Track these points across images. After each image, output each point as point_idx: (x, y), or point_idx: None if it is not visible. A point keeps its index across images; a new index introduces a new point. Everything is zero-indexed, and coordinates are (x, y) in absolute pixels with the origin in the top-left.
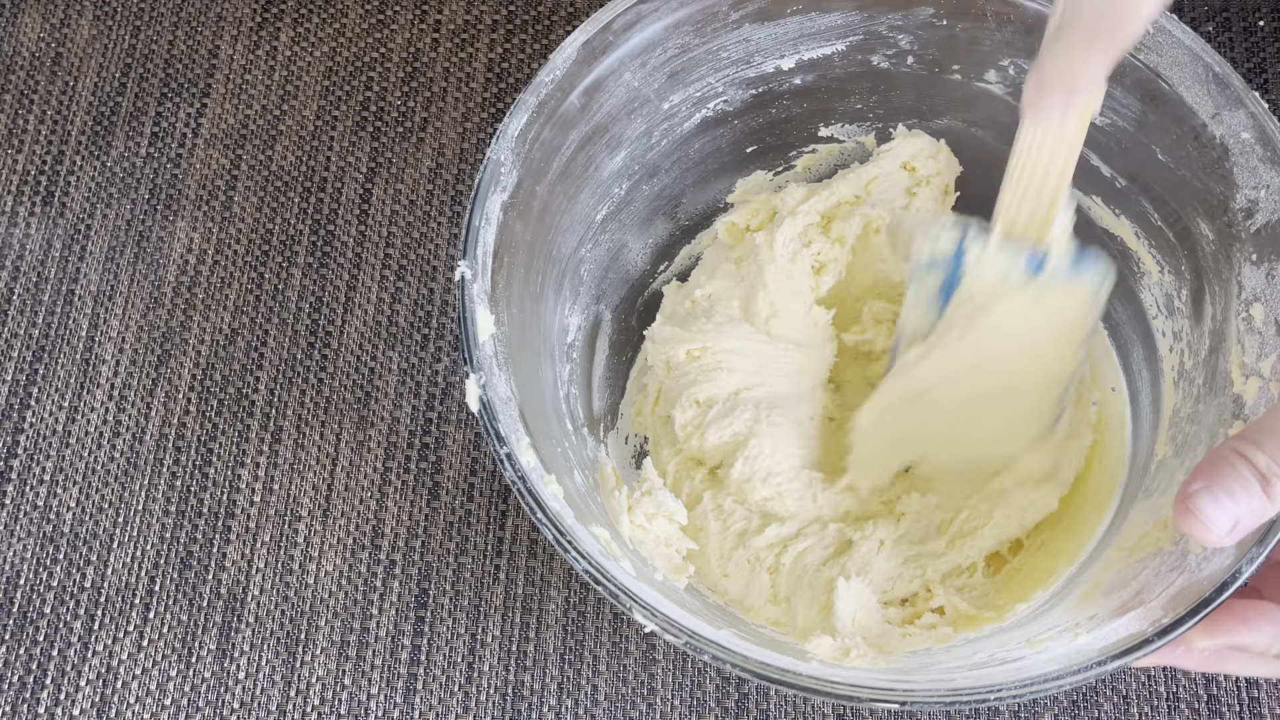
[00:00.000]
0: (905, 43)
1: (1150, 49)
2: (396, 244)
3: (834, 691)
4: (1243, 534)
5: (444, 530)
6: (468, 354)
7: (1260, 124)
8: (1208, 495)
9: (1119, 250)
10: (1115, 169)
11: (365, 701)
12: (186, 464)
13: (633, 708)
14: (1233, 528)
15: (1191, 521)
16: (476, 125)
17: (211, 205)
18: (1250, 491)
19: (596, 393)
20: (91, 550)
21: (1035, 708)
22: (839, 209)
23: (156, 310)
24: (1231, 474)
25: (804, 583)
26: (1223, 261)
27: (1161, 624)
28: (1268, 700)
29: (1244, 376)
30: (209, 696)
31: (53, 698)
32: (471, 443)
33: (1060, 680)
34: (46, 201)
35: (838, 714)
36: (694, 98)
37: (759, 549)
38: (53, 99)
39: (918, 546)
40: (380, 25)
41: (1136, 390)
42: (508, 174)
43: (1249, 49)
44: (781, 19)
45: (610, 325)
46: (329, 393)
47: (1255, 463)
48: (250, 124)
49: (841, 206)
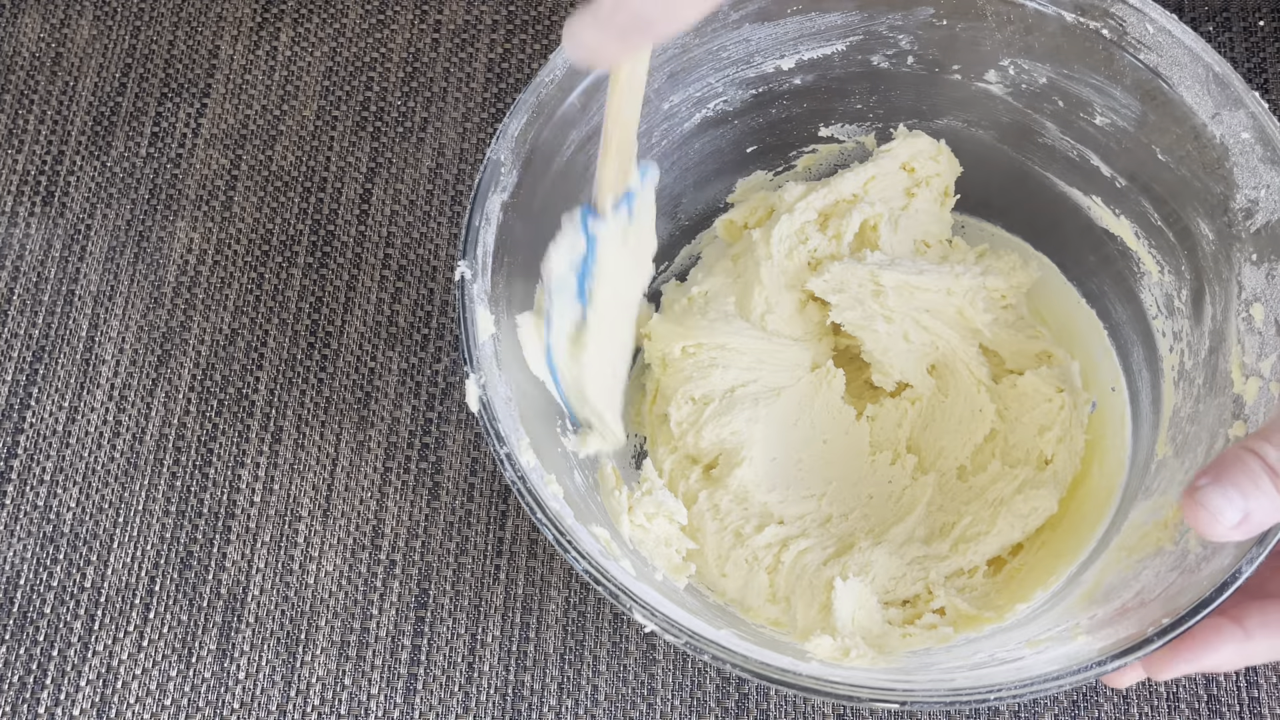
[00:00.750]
0: (905, 43)
1: (1150, 49)
2: (396, 244)
3: (834, 691)
4: (1254, 530)
5: (444, 530)
6: (468, 354)
7: (1260, 124)
8: (1215, 487)
9: (1119, 250)
10: (1115, 169)
11: (365, 701)
12: (186, 464)
13: (633, 708)
14: (1241, 521)
15: (1198, 513)
16: (476, 125)
17: (211, 205)
18: (1260, 486)
19: None
20: (91, 550)
21: (1035, 708)
22: (836, 207)
23: (156, 310)
24: (1240, 468)
25: (803, 582)
26: (1223, 261)
27: (1162, 624)
28: (1268, 700)
29: (1244, 376)
30: (209, 696)
31: (53, 698)
32: (471, 443)
33: (1060, 680)
34: (46, 201)
35: (838, 714)
36: (694, 98)
37: (757, 548)
38: (53, 99)
39: (923, 548)
40: (380, 25)
41: (1136, 390)
42: (507, 174)
43: (1249, 49)
44: (781, 19)
45: None
46: (329, 393)
47: (1265, 457)
48: (250, 124)
49: (839, 204)
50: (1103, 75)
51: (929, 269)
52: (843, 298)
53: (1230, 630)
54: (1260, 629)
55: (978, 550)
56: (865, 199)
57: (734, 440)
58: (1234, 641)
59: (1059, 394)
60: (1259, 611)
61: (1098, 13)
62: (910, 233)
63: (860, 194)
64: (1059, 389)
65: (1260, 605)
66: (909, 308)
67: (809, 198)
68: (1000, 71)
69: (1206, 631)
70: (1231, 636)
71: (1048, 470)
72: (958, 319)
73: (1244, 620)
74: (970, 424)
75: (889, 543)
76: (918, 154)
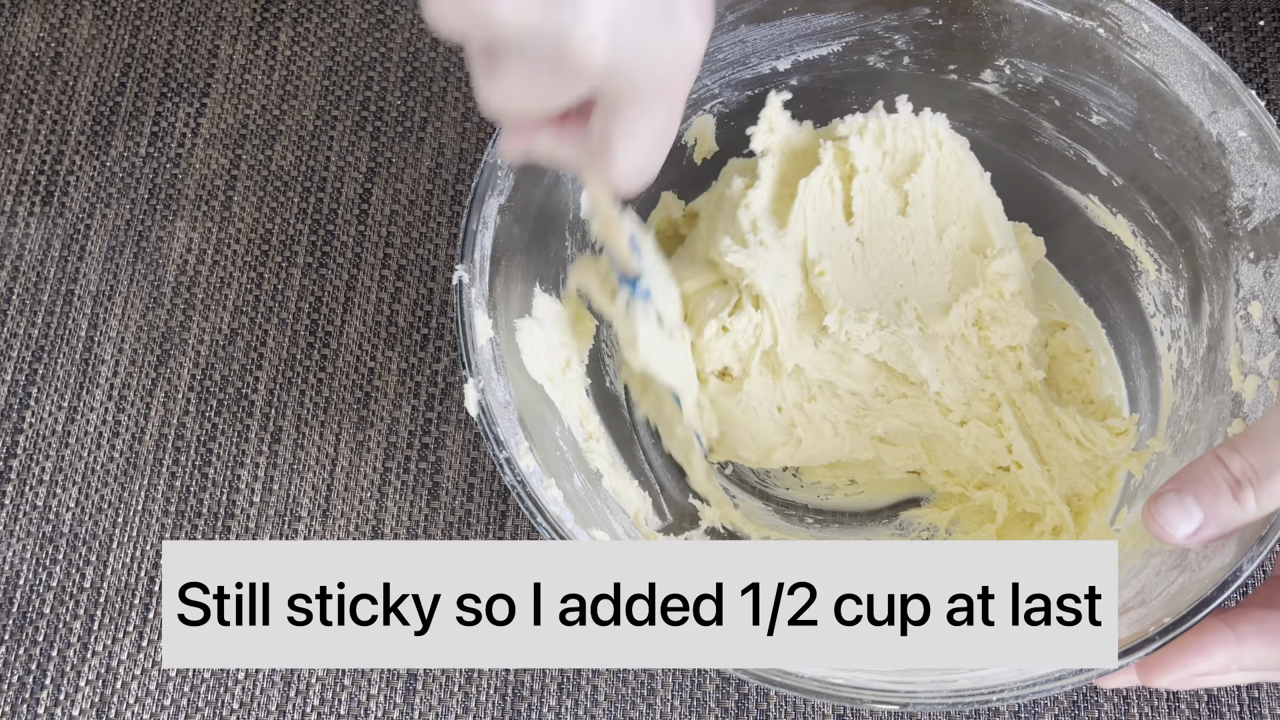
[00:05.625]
0: (901, 43)
1: (1147, 48)
2: (396, 244)
3: (835, 693)
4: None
5: (444, 530)
6: (466, 358)
7: (1257, 122)
8: (1173, 497)
9: (1117, 249)
10: (1112, 168)
11: (365, 701)
12: (186, 464)
13: (633, 708)
14: (1195, 531)
15: (1150, 521)
16: (476, 125)
17: (211, 205)
18: (1218, 495)
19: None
20: (91, 550)
21: (1035, 708)
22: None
23: (156, 310)
24: (1203, 478)
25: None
26: (1220, 260)
27: (1163, 623)
28: (1268, 700)
29: (1242, 374)
30: (209, 697)
31: (53, 698)
32: (471, 443)
33: (1060, 680)
34: (46, 201)
35: (838, 714)
36: (690, 100)
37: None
38: (53, 99)
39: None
40: (380, 25)
41: (1135, 389)
42: (504, 177)
43: (1249, 49)
44: (777, 20)
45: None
46: (328, 393)
47: (1230, 467)
48: (250, 124)
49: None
50: (1099, 74)
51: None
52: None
53: (1222, 633)
54: (1254, 635)
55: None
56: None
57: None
58: (1225, 645)
59: (1086, 353)
60: (1255, 619)
61: (1094, 12)
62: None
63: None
64: (1085, 348)
65: (1259, 613)
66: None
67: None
68: (997, 71)
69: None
70: (1223, 640)
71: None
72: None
73: (1237, 625)
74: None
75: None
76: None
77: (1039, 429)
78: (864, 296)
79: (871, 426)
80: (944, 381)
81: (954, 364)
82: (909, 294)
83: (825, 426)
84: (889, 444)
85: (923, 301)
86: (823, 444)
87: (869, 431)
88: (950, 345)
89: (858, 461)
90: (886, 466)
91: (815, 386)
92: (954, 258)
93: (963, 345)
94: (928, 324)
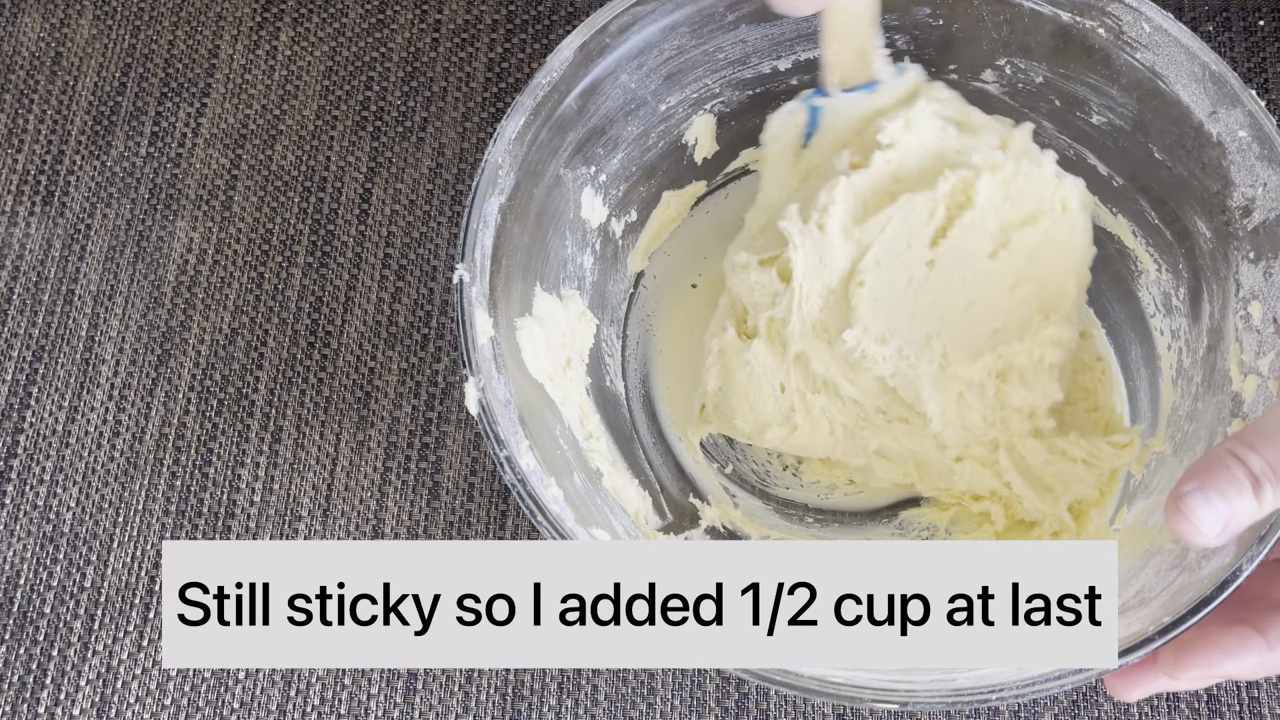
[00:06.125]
0: (902, 43)
1: (1147, 47)
2: (396, 244)
3: (835, 693)
4: (1231, 536)
5: (444, 530)
6: (466, 357)
7: (1257, 122)
8: (1200, 495)
9: (1117, 249)
10: (1112, 168)
11: (365, 701)
12: (186, 464)
13: (633, 708)
14: (1222, 529)
15: (1181, 522)
16: (476, 125)
17: (211, 205)
18: (1242, 493)
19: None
20: (91, 550)
21: (1035, 708)
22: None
23: (156, 310)
24: (1225, 475)
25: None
26: (1220, 260)
27: (1163, 623)
28: (1268, 700)
29: (1242, 374)
30: (209, 696)
31: (53, 698)
32: (471, 442)
33: (1060, 680)
34: (46, 201)
35: (838, 714)
36: (691, 99)
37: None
38: (53, 99)
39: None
40: (380, 25)
41: (1135, 389)
42: (505, 176)
43: (1249, 49)
44: (778, 20)
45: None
46: (329, 393)
47: (1249, 464)
48: (250, 124)
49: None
50: (1099, 74)
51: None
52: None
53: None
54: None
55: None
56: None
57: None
58: (1257, 651)
59: (1098, 362)
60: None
61: (1094, 12)
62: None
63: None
64: (1097, 357)
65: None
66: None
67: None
68: (997, 71)
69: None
70: (1255, 647)
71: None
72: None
73: (1268, 631)
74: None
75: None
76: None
77: (1041, 466)
78: (896, 319)
79: (867, 440)
80: (947, 424)
81: (962, 410)
82: (946, 329)
83: (823, 422)
84: (882, 457)
85: (955, 340)
86: (817, 437)
87: (863, 444)
88: (965, 391)
89: (852, 465)
90: (877, 477)
91: (820, 381)
92: (1015, 310)
93: (977, 394)
94: (950, 364)
